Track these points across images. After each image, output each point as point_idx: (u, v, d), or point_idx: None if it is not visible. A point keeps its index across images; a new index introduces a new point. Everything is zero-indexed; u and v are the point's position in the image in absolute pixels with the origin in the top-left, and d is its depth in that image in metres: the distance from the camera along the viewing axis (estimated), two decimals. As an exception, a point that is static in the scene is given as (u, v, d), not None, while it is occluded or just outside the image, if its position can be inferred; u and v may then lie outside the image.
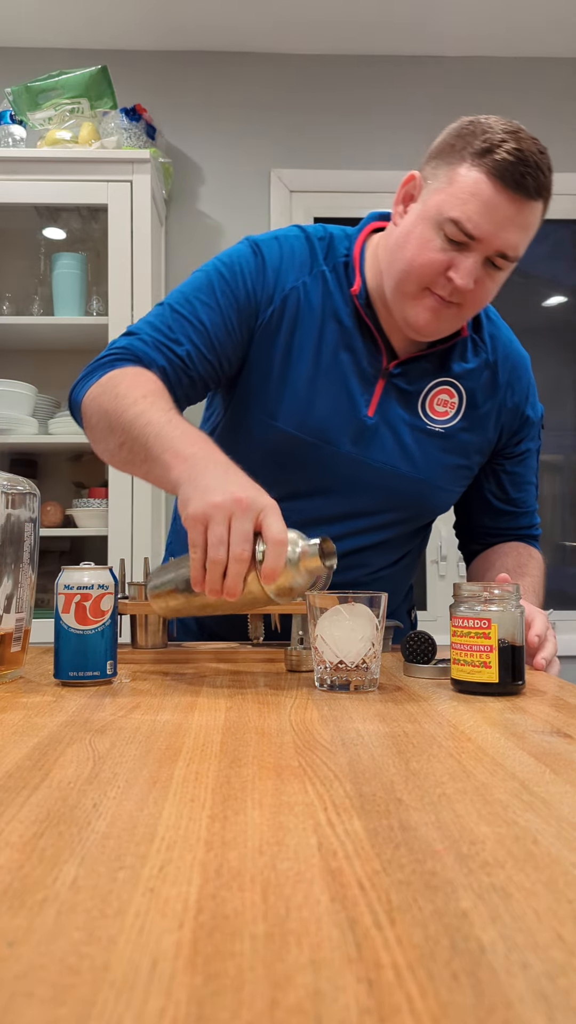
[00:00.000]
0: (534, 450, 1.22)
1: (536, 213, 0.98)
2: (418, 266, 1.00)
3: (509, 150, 0.94)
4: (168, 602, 0.88)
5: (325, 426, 1.07)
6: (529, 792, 0.49)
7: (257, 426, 1.08)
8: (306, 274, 1.09)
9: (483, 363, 1.14)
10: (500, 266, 0.99)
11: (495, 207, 0.95)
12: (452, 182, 0.97)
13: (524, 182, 0.94)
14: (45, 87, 2.33)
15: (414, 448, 1.11)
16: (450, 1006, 0.26)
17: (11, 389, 2.27)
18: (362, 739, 0.61)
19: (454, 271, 0.98)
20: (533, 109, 2.68)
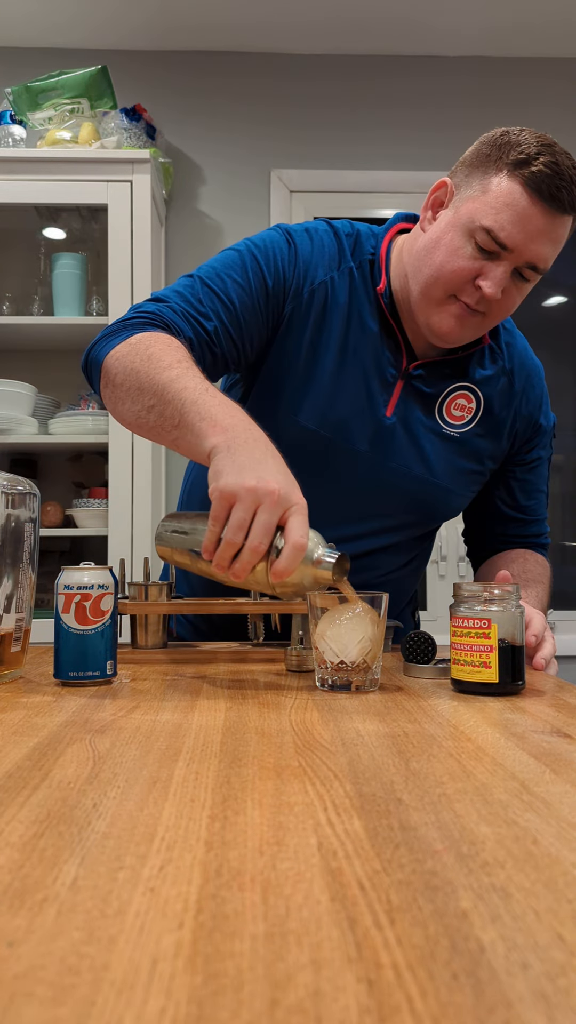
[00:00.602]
0: (545, 458, 1.23)
1: (567, 227, 0.99)
2: (447, 272, 1.00)
3: (546, 163, 0.94)
4: (174, 556, 0.88)
5: (344, 424, 1.07)
6: (529, 792, 0.49)
7: (279, 419, 1.05)
8: (334, 269, 1.08)
9: (500, 370, 1.15)
10: (528, 277, 1.01)
11: (529, 218, 0.96)
12: (486, 191, 0.98)
13: (559, 195, 0.95)
14: (45, 87, 2.33)
15: (430, 451, 1.11)
16: (450, 1006, 0.26)
17: (11, 389, 2.27)
18: (362, 739, 0.61)
19: (483, 279, 0.99)
20: (533, 109, 2.68)
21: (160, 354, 0.91)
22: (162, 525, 0.90)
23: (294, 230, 1.10)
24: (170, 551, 0.88)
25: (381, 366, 1.08)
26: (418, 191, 2.67)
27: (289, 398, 1.07)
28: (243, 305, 1.02)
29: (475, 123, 2.68)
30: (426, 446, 1.10)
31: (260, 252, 1.05)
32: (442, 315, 1.03)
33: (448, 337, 1.05)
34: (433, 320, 1.04)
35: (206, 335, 1.00)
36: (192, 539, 0.85)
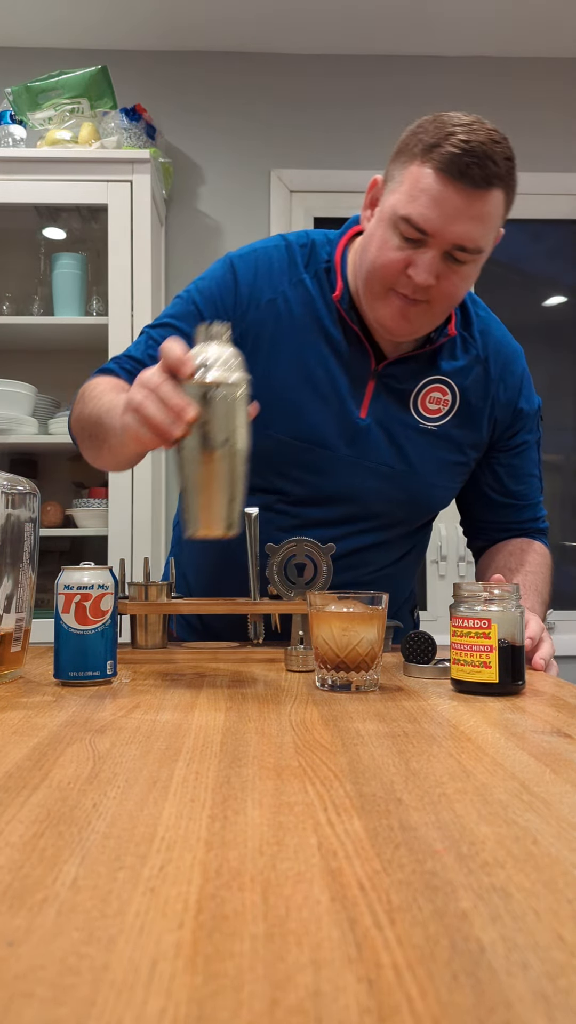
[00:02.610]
0: (532, 442, 1.21)
1: (491, 203, 0.96)
2: (379, 266, 1.01)
3: (455, 143, 0.94)
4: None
5: (318, 430, 1.09)
6: (529, 792, 0.49)
7: (253, 435, 1.07)
8: (286, 284, 1.10)
9: (473, 359, 1.15)
10: (462, 259, 0.99)
11: (443, 200, 0.95)
12: (404, 181, 0.98)
13: (470, 172, 0.93)
14: (45, 87, 2.33)
15: (408, 447, 1.11)
16: (450, 1006, 0.26)
17: (11, 389, 2.27)
18: (362, 739, 0.61)
19: (413, 268, 0.99)
20: (533, 109, 2.68)
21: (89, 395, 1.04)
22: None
23: (240, 257, 1.13)
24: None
25: (349, 370, 1.10)
26: (418, 191, 2.67)
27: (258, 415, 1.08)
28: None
29: (475, 123, 2.68)
30: (404, 442, 1.11)
31: (202, 294, 1.11)
32: (385, 310, 1.04)
33: (395, 331, 1.05)
34: (379, 315, 1.05)
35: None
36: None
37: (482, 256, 1.00)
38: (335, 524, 1.11)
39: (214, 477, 0.81)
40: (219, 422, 0.80)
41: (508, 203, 0.99)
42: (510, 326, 1.25)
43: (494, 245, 1.04)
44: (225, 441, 0.81)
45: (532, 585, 1.14)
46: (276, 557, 1.03)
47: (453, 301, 1.03)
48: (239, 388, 0.82)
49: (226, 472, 0.82)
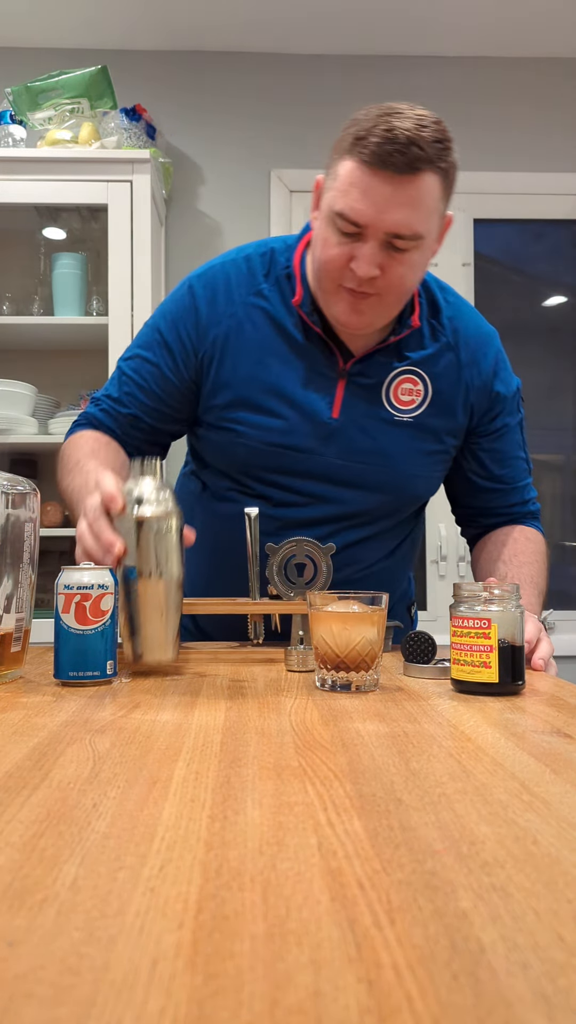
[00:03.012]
0: (514, 424, 1.21)
1: (421, 187, 0.96)
2: (324, 264, 1.03)
3: (377, 133, 0.94)
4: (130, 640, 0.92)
5: (289, 435, 1.10)
6: (529, 792, 0.49)
7: (228, 445, 1.13)
8: (247, 295, 1.13)
9: (443, 346, 1.15)
10: (402, 247, 0.99)
11: (371, 190, 0.96)
12: (337, 177, 0.99)
13: (393, 159, 0.94)
14: (45, 87, 2.33)
15: (384, 441, 1.12)
16: (450, 1006, 0.26)
17: (11, 389, 2.27)
18: (362, 739, 0.61)
19: (355, 262, 0.99)
20: (533, 109, 2.68)
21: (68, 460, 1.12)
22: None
23: (198, 277, 1.16)
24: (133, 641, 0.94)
25: (317, 372, 1.11)
26: (418, 191, 2.67)
27: (230, 425, 1.12)
28: (155, 379, 1.15)
29: (475, 123, 2.68)
30: (380, 436, 1.12)
31: (165, 319, 1.16)
32: (337, 306, 1.05)
33: (350, 325, 1.06)
34: (333, 312, 1.06)
35: (127, 418, 1.16)
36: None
37: (424, 242, 1.00)
38: (320, 524, 1.12)
39: (147, 605, 0.89)
40: (150, 553, 0.89)
41: (446, 185, 0.99)
42: (510, 326, 1.26)
43: (444, 230, 1.05)
44: (157, 571, 0.89)
45: (528, 577, 1.14)
46: (276, 557, 1.03)
47: (403, 290, 1.04)
48: (170, 521, 0.90)
49: (159, 600, 0.89)
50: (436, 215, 1.00)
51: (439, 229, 1.04)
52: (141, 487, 0.91)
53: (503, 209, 2.71)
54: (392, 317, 1.09)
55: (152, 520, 0.90)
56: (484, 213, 2.71)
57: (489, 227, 2.74)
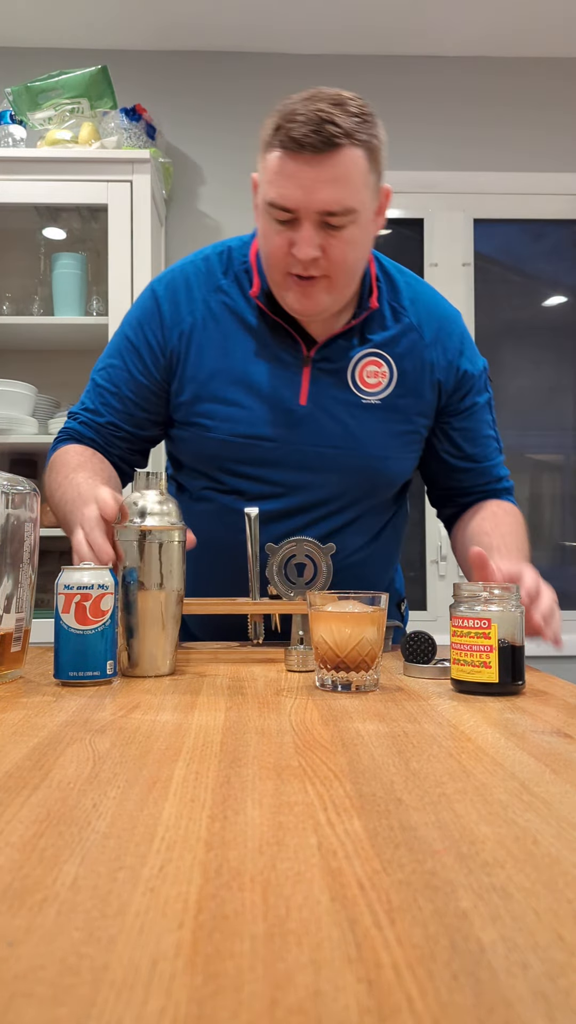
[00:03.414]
0: (483, 403, 1.22)
1: (343, 163, 0.97)
2: (269, 255, 1.05)
3: (291, 119, 0.97)
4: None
5: (257, 425, 1.12)
6: (529, 792, 0.49)
7: (198, 440, 1.15)
8: (208, 292, 1.15)
9: (405, 327, 1.16)
10: (338, 224, 1.00)
11: (293, 174, 0.97)
12: (264, 170, 1.02)
13: (309, 140, 0.95)
14: (45, 87, 2.33)
15: (353, 424, 1.13)
16: (450, 1006, 0.26)
17: (11, 389, 2.27)
18: (362, 739, 0.61)
19: (295, 248, 1.01)
20: (533, 109, 2.68)
21: (55, 474, 1.14)
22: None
23: (159, 281, 1.19)
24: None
25: (281, 361, 1.13)
26: (418, 191, 2.67)
27: (199, 420, 1.14)
28: (127, 385, 1.17)
29: (475, 123, 2.68)
30: (348, 420, 1.13)
31: (131, 327, 1.18)
32: (289, 294, 1.06)
33: (304, 311, 1.07)
34: (287, 302, 1.08)
35: (105, 427, 1.19)
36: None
37: (359, 216, 1.01)
38: (297, 514, 1.13)
39: (147, 616, 0.90)
40: (152, 566, 0.90)
41: (371, 159, 1.00)
42: (510, 326, 1.26)
43: (383, 204, 1.06)
44: (159, 583, 0.90)
45: (514, 545, 1.13)
46: (276, 557, 1.03)
47: (348, 267, 1.04)
48: (173, 533, 0.92)
49: (159, 612, 0.91)
50: (367, 189, 1.01)
51: (375, 203, 1.05)
52: (145, 499, 0.92)
53: (503, 209, 2.71)
54: (346, 298, 1.09)
55: (156, 532, 0.91)
56: (484, 213, 2.71)
57: (489, 227, 2.74)
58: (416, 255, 2.68)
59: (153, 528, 0.91)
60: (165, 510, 0.92)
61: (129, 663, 0.90)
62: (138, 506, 0.92)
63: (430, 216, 2.69)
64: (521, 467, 2.81)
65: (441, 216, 2.69)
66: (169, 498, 0.94)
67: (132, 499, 0.93)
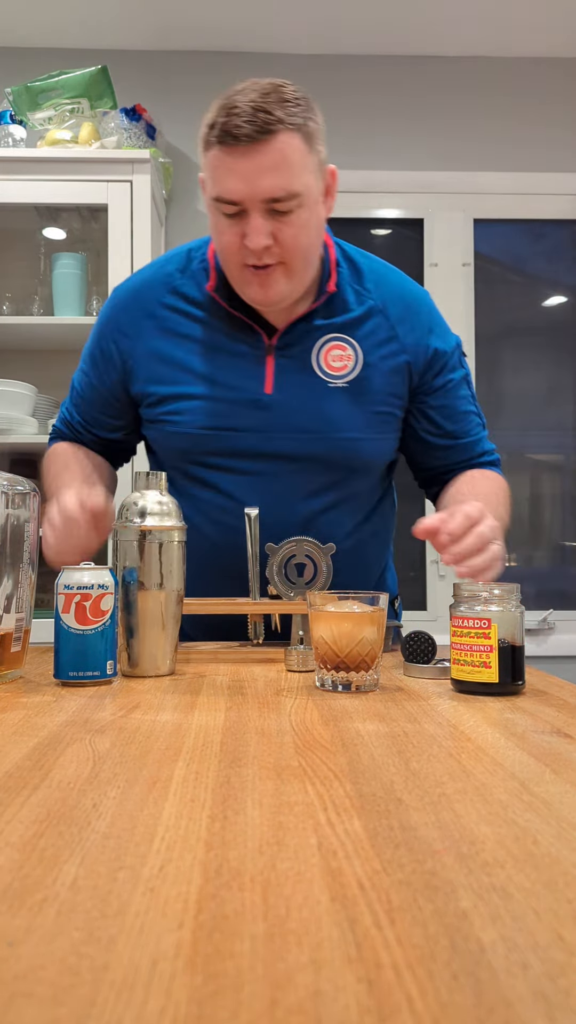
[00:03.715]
0: (459, 380, 1.21)
1: (279, 148, 0.98)
2: (223, 250, 1.06)
3: (223, 114, 0.98)
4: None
5: (228, 417, 1.13)
6: (529, 792, 0.49)
7: (169, 437, 1.17)
8: (164, 294, 1.17)
9: (369, 309, 1.16)
10: (284, 209, 1.01)
11: (232, 167, 0.99)
12: (206, 168, 1.03)
13: (240, 130, 0.97)
14: (45, 87, 2.33)
15: (321, 408, 1.13)
16: (450, 1006, 0.26)
17: (11, 389, 2.27)
18: (362, 739, 0.61)
19: (247, 238, 1.02)
20: (533, 109, 2.68)
21: (47, 466, 1.22)
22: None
23: (116, 290, 1.23)
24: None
25: (243, 353, 1.14)
26: (418, 191, 2.67)
27: (167, 417, 1.16)
28: (94, 391, 1.22)
29: (475, 123, 2.68)
30: (316, 405, 1.13)
31: (94, 338, 1.22)
32: (248, 286, 1.07)
33: (265, 301, 1.08)
34: (247, 294, 1.08)
35: (81, 430, 1.26)
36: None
37: (304, 199, 1.02)
38: (277, 503, 1.12)
39: (147, 616, 0.90)
40: (152, 565, 0.91)
41: (308, 139, 1.01)
42: (510, 326, 1.25)
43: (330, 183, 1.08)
44: (159, 583, 0.91)
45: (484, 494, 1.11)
46: (276, 557, 1.03)
47: (302, 251, 1.05)
48: (173, 533, 0.92)
49: (159, 612, 0.91)
50: (309, 171, 1.02)
51: (320, 184, 1.06)
52: (145, 499, 0.92)
53: (503, 209, 2.71)
54: (305, 283, 1.10)
55: (156, 532, 0.91)
56: (484, 213, 2.71)
57: (489, 227, 2.74)
58: (416, 255, 2.68)
59: (153, 528, 0.91)
60: (165, 510, 0.92)
61: (129, 663, 0.90)
62: (138, 506, 0.92)
63: (430, 216, 2.69)
64: (521, 467, 2.81)
65: (441, 216, 2.69)
66: (169, 498, 0.94)
67: (132, 499, 0.93)
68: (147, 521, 0.91)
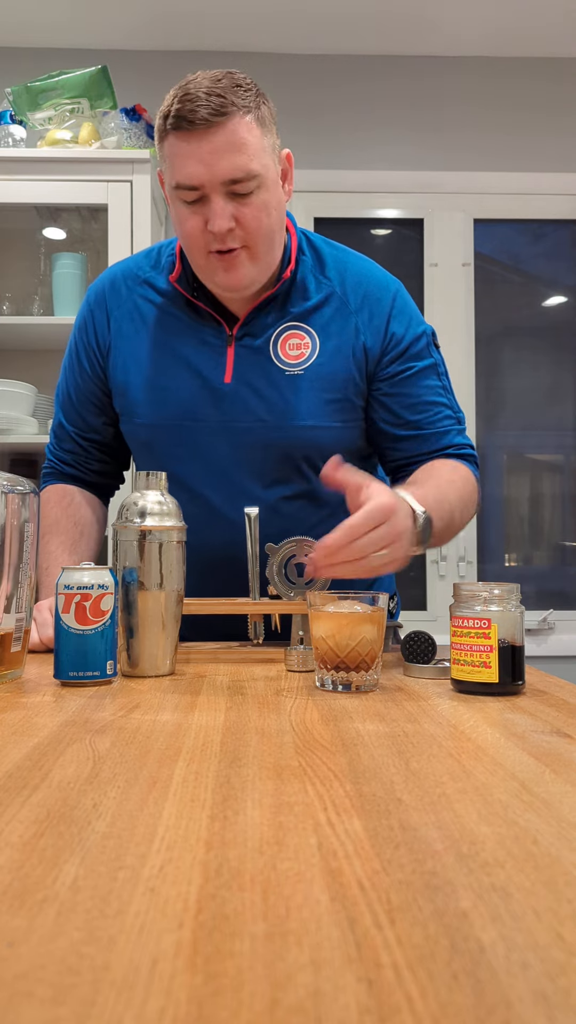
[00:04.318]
0: (422, 368, 1.16)
1: (233, 130, 0.99)
2: (186, 239, 1.06)
3: (176, 103, 0.99)
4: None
5: (185, 406, 1.14)
6: (529, 792, 0.49)
7: (133, 430, 1.20)
8: (134, 286, 1.19)
9: (327, 296, 1.16)
10: (244, 191, 1.01)
11: (190, 152, 0.99)
12: (163, 159, 1.04)
13: (195, 115, 0.98)
14: (45, 87, 2.33)
15: (276, 396, 1.13)
16: (450, 1006, 0.26)
17: (11, 389, 2.27)
18: (362, 739, 0.61)
19: (210, 223, 1.02)
20: (533, 109, 2.68)
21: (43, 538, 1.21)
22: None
23: (92, 286, 1.25)
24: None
25: (204, 343, 1.15)
26: (418, 191, 2.67)
27: (130, 409, 1.18)
28: (79, 394, 1.24)
29: (475, 123, 2.68)
30: (271, 393, 1.13)
31: (75, 339, 1.24)
32: (214, 273, 1.08)
33: (232, 286, 1.08)
34: (214, 281, 1.09)
35: (75, 440, 1.26)
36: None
37: (264, 179, 1.02)
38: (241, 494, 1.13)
39: (147, 617, 0.90)
40: (152, 566, 0.91)
41: (262, 125, 1.02)
42: (510, 326, 1.24)
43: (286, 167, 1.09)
44: (159, 584, 0.91)
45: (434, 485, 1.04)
46: (276, 557, 1.03)
47: (265, 233, 1.05)
48: (173, 533, 0.92)
49: (159, 613, 0.91)
50: (266, 153, 1.03)
51: (278, 168, 1.07)
52: (145, 499, 0.92)
53: (503, 209, 2.71)
54: (269, 267, 1.10)
55: (156, 532, 0.91)
56: (484, 213, 2.71)
57: (489, 227, 2.74)
58: (416, 255, 2.68)
59: (153, 528, 0.91)
60: (165, 510, 0.93)
61: (129, 663, 0.90)
62: (138, 506, 0.92)
63: (430, 216, 2.69)
64: (521, 467, 2.81)
65: (441, 216, 2.69)
66: (169, 498, 0.94)
67: (132, 499, 0.93)
68: (147, 521, 0.91)
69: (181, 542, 0.93)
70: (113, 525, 0.94)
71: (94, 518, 1.27)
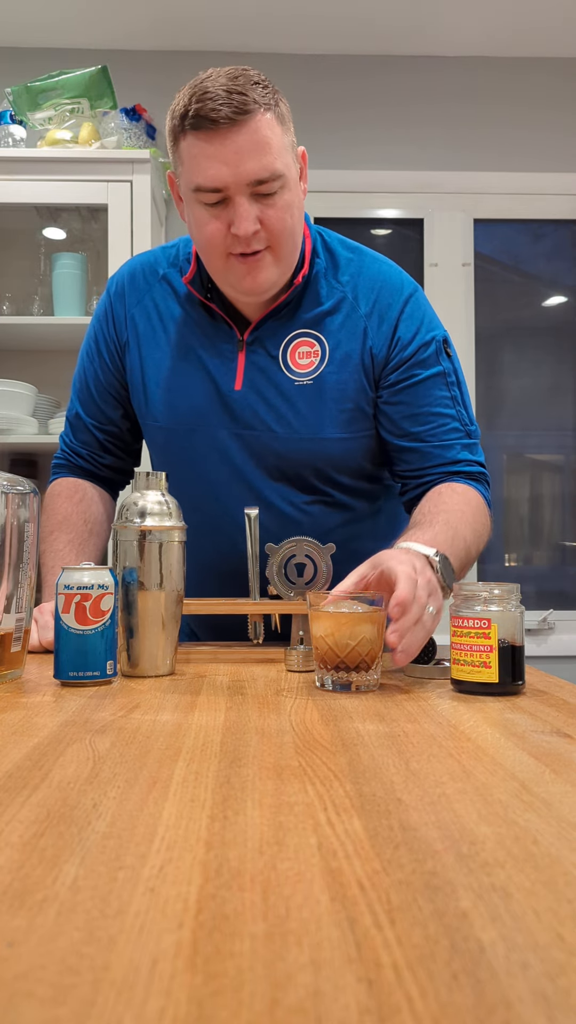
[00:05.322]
0: (429, 376, 1.10)
1: (257, 128, 0.97)
2: (206, 242, 1.03)
3: (195, 101, 0.96)
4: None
5: (195, 411, 1.13)
6: (529, 792, 0.49)
7: (147, 431, 1.20)
8: (153, 282, 1.18)
9: (338, 301, 1.12)
10: (268, 191, 0.99)
11: (214, 153, 0.97)
12: (181, 160, 1.01)
13: (218, 114, 0.95)
14: (45, 87, 2.33)
15: (286, 407, 1.11)
16: (450, 1006, 0.26)
17: (11, 389, 2.27)
18: (362, 739, 0.61)
19: (234, 226, 1.00)
20: (533, 109, 2.68)
21: (47, 513, 1.21)
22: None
23: (112, 279, 1.23)
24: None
25: (216, 347, 1.13)
26: (418, 191, 2.67)
27: (146, 409, 1.18)
28: (98, 385, 1.23)
29: (475, 123, 2.68)
30: (281, 403, 1.11)
31: (94, 329, 1.23)
32: (234, 276, 1.05)
33: (254, 289, 1.06)
34: (233, 285, 1.06)
35: (91, 432, 1.25)
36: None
37: (287, 179, 1.00)
38: (249, 499, 1.11)
39: (147, 617, 0.90)
40: (152, 566, 0.91)
41: (280, 119, 1.01)
42: (510, 326, 1.23)
43: (303, 166, 1.07)
44: (159, 584, 0.91)
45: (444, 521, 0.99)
46: (276, 557, 1.03)
47: (288, 234, 1.03)
48: (173, 533, 0.92)
49: (159, 613, 0.91)
50: (286, 151, 1.01)
51: (297, 167, 1.05)
52: (145, 499, 0.92)
53: (503, 209, 2.71)
54: (289, 268, 1.08)
55: (156, 532, 0.91)
56: (484, 213, 2.71)
57: (489, 227, 2.74)
58: (416, 255, 2.68)
59: (153, 528, 0.91)
60: (165, 510, 0.92)
61: (129, 663, 0.90)
62: (138, 506, 0.92)
63: (430, 216, 2.69)
64: (521, 467, 2.81)
65: (441, 216, 2.69)
66: (170, 498, 0.94)
67: (132, 499, 0.93)
68: (147, 521, 0.91)
69: (181, 542, 0.93)
70: (113, 525, 0.94)
71: (105, 515, 1.25)
